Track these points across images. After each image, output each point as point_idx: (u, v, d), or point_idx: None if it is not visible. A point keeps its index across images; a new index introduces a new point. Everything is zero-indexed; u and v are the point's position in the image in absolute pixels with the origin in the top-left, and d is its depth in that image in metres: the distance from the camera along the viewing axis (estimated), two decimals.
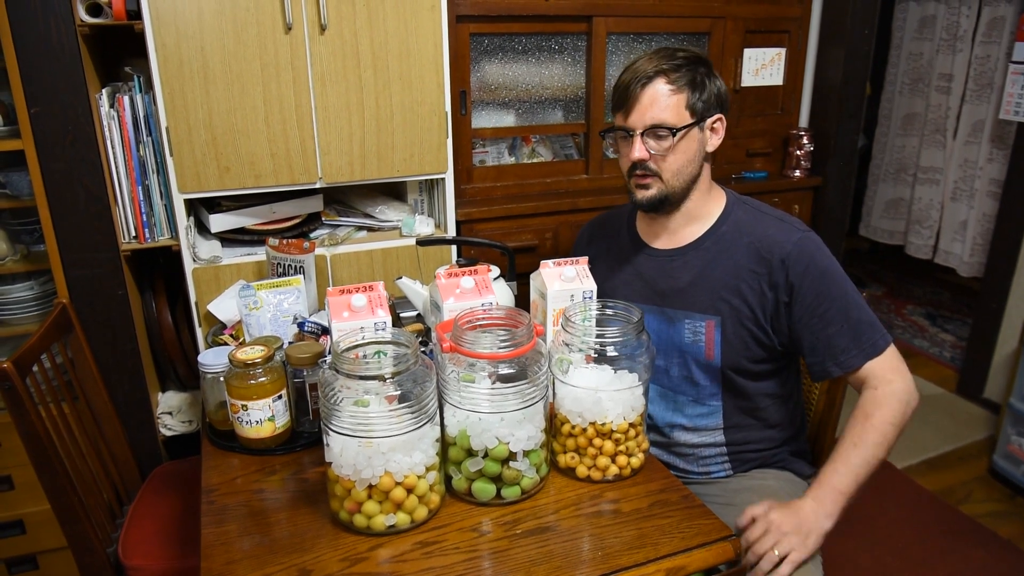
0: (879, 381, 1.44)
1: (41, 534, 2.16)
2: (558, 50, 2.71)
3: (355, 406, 1.14)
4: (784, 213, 1.58)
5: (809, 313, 1.46)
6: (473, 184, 2.67)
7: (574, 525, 1.22)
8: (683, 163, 1.50)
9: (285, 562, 1.13)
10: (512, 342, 1.21)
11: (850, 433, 1.41)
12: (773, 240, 1.50)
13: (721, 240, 1.56)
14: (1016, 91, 3.04)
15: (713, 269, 1.54)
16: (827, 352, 1.46)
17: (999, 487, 2.79)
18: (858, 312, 1.46)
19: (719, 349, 1.53)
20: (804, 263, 1.46)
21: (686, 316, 1.56)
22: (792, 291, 1.47)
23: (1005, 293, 3.12)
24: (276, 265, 1.95)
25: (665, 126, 1.46)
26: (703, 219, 1.58)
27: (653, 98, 1.47)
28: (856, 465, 1.37)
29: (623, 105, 1.51)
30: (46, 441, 1.51)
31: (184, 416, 2.30)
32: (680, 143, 1.48)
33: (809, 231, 1.52)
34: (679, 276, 1.58)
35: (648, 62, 1.48)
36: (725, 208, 1.59)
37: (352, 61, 2.00)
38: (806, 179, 3.07)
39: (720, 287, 1.53)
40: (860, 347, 1.45)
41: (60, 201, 1.95)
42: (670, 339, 1.59)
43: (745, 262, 1.51)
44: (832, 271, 1.47)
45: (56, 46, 1.85)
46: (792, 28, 2.98)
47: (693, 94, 1.48)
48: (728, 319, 1.52)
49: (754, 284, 1.50)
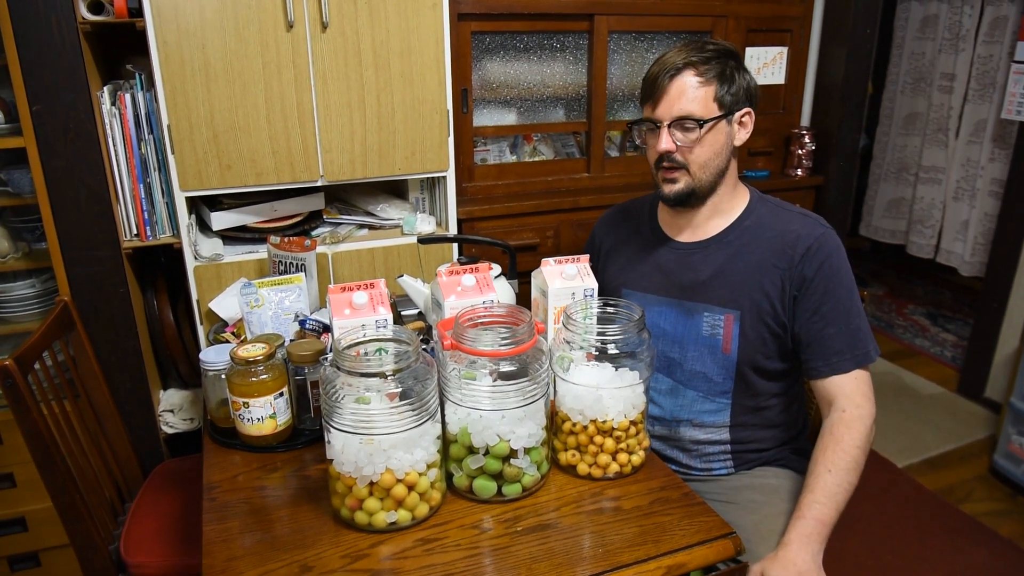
0: (848, 403, 1.43)
1: (43, 532, 2.16)
2: (560, 48, 2.71)
3: (356, 403, 1.14)
4: (806, 210, 1.58)
5: (812, 310, 1.46)
6: (474, 182, 2.67)
7: (575, 522, 1.22)
8: (710, 156, 1.49)
9: (286, 559, 1.13)
10: (513, 340, 1.21)
11: (822, 458, 1.39)
12: (796, 234, 1.50)
13: (744, 234, 1.55)
14: (1018, 91, 3.04)
15: (735, 263, 1.54)
16: (820, 351, 1.46)
17: (1000, 486, 2.79)
18: (858, 319, 1.47)
19: (736, 343, 1.53)
20: (821, 259, 1.47)
21: (705, 309, 1.55)
22: (803, 285, 1.47)
23: (1006, 293, 3.11)
24: (277, 263, 1.96)
25: (692, 118, 1.45)
26: (727, 213, 1.58)
27: (681, 90, 1.46)
28: (834, 493, 1.35)
29: (651, 97, 1.49)
30: (48, 439, 1.51)
31: (186, 414, 2.30)
32: (707, 135, 1.47)
33: (830, 228, 1.52)
34: (700, 269, 1.57)
35: (677, 54, 1.47)
36: (749, 204, 1.58)
37: (353, 59, 2.00)
38: (808, 178, 3.07)
39: (741, 281, 1.52)
40: (853, 353, 1.45)
41: (61, 199, 1.95)
42: (687, 332, 1.58)
43: (767, 256, 1.51)
44: (844, 273, 1.48)
45: (58, 43, 1.85)
46: (794, 27, 2.98)
47: (722, 87, 1.47)
48: (748, 313, 1.51)
49: (775, 279, 1.50)
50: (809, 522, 1.32)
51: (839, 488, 1.35)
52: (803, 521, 1.33)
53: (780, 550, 1.30)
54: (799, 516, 1.34)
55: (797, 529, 1.32)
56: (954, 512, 2.62)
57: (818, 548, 1.31)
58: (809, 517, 1.33)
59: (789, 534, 1.32)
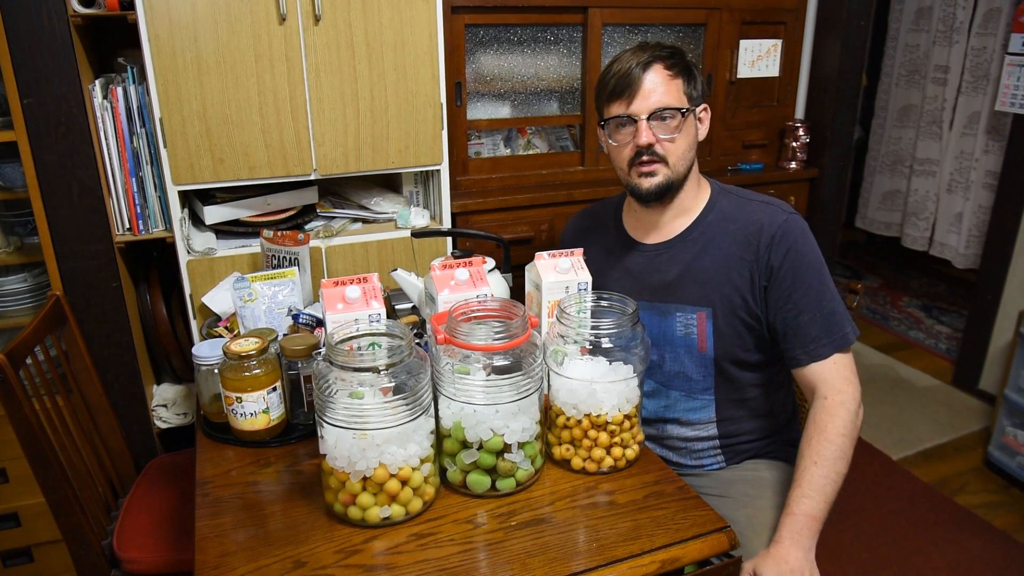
0: (829, 389, 1.42)
1: (36, 527, 2.16)
2: (553, 41, 2.70)
3: (349, 398, 1.14)
4: (769, 196, 1.58)
5: (784, 298, 1.46)
6: (468, 176, 2.66)
7: (569, 517, 1.22)
8: (686, 147, 1.51)
9: (279, 554, 1.13)
10: (507, 334, 1.21)
11: (807, 451, 1.38)
12: (759, 223, 1.50)
13: (708, 230, 1.56)
14: (1012, 82, 3.04)
15: (701, 260, 1.54)
16: (796, 339, 1.46)
17: (994, 478, 2.81)
18: (831, 303, 1.45)
19: (712, 341, 1.53)
20: (787, 246, 1.46)
21: (677, 309, 1.55)
22: (771, 274, 1.47)
23: (1000, 285, 3.12)
24: (271, 257, 1.95)
25: (671, 108, 1.47)
26: (690, 211, 1.59)
27: (655, 82, 1.47)
28: (822, 485, 1.34)
29: (623, 93, 1.49)
30: (40, 434, 1.51)
31: (179, 409, 2.30)
32: (685, 126, 1.49)
33: (795, 213, 1.51)
34: (667, 270, 1.58)
35: (639, 52, 1.49)
36: (710, 199, 1.59)
37: (347, 52, 1.99)
38: (802, 171, 3.06)
39: (709, 278, 1.52)
40: (831, 337, 1.44)
41: (53, 193, 1.94)
42: (662, 333, 1.58)
43: (733, 250, 1.51)
44: (811, 257, 1.47)
45: (49, 36, 1.84)
46: (788, 19, 2.97)
47: (687, 82, 1.50)
48: (719, 309, 1.51)
49: (743, 271, 1.50)
50: (799, 518, 1.32)
51: (827, 480, 1.35)
52: (792, 518, 1.32)
53: (772, 547, 1.30)
54: (788, 513, 1.33)
55: (787, 526, 1.32)
56: (949, 504, 2.63)
57: (810, 544, 1.31)
58: (798, 513, 1.32)
59: (780, 531, 1.32)
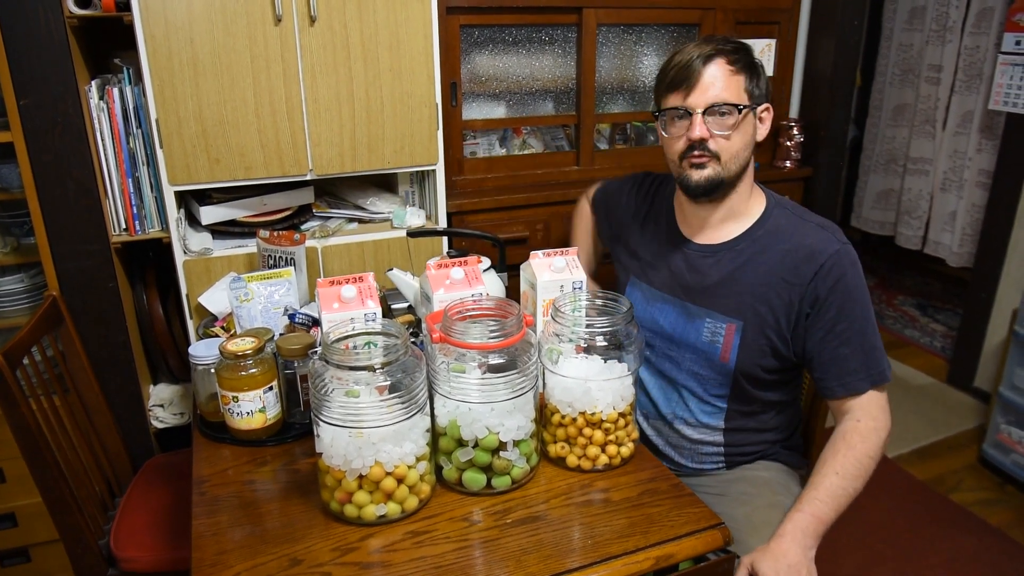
0: (865, 415, 1.42)
1: (33, 527, 2.16)
2: (548, 41, 2.71)
3: (345, 397, 1.14)
4: (824, 220, 1.51)
5: (827, 329, 1.43)
6: (464, 176, 2.67)
7: (564, 514, 1.23)
8: (741, 146, 1.46)
9: (276, 552, 1.13)
10: (502, 332, 1.21)
11: (832, 461, 1.37)
12: (811, 249, 1.44)
13: (757, 243, 1.50)
14: (1005, 81, 3.05)
15: (744, 272, 1.49)
16: (833, 370, 1.43)
17: (989, 475, 2.82)
18: (873, 337, 1.43)
19: (735, 353, 1.49)
20: (836, 277, 1.42)
21: (708, 315, 1.52)
22: (816, 303, 1.43)
23: (995, 283, 3.13)
24: (267, 257, 1.95)
25: (729, 104, 1.42)
26: (743, 217, 1.53)
27: (715, 76, 1.41)
28: (837, 495, 1.34)
29: (681, 84, 1.43)
30: (37, 434, 1.51)
31: (176, 408, 2.30)
32: (742, 124, 1.44)
33: (847, 243, 1.45)
34: (708, 274, 1.53)
35: (704, 44, 1.43)
36: (765, 210, 1.53)
37: (342, 53, 1.99)
38: (796, 170, 3.07)
39: (748, 292, 1.48)
40: (868, 372, 1.42)
41: (50, 193, 1.94)
42: (686, 334, 1.55)
43: (779, 270, 1.46)
44: (859, 291, 1.43)
45: (45, 37, 1.84)
46: (782, 19, 2.98)
47: (749, 79, 1.45)
48: (750, 325, 1.47)
49: (784, 294, 1.45)
50: (807, 516, 1.32)
51: (843, 492, 1.35)
52: (800, 515, 1.32)
53: (772, 541, 1.30)
54: (797, 510, 1.33)
55: (793, 521, 1.32)
56: (944, 501, 2.64)
57: (812, 543, 1.31)
58: (808, 512, 1.32)
59: (784, 526, 1.32)
